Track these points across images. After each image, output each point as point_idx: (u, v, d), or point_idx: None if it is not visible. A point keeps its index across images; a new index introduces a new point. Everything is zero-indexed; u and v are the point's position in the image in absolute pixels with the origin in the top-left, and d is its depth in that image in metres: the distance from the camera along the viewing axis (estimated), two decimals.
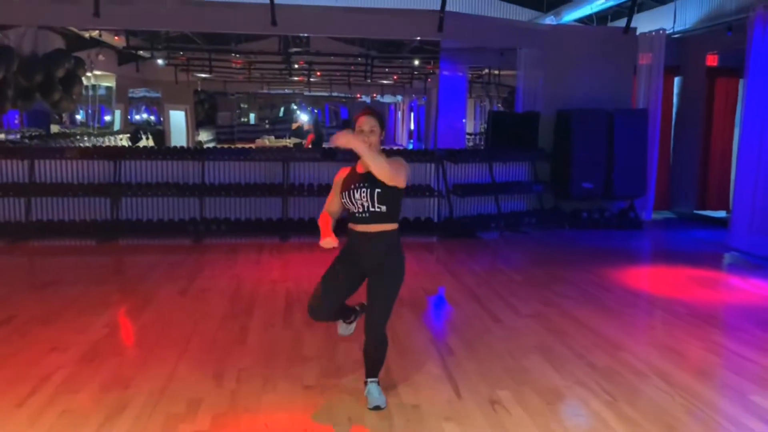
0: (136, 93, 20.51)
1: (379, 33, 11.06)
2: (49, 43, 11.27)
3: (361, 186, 3.41)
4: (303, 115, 29.12)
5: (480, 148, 15.88)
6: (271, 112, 29.60)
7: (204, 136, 22.73)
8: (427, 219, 9.27)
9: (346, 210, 3.55)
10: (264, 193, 9.01)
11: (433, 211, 9.39)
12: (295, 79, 21.58)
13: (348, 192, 3.45)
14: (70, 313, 5.29)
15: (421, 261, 7.79)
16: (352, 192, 3.43)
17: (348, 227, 3.54)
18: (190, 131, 21.21)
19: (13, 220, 8.61)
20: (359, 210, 3.44)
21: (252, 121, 29.47)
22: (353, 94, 26.46)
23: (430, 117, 19.53)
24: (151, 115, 23.04)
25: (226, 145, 18.91)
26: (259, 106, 29.89)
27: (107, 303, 5.62)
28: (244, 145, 15.46)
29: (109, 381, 3.91)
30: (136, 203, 8.86)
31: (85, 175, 8.87)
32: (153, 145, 16.68)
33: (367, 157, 3.27)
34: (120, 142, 14.91)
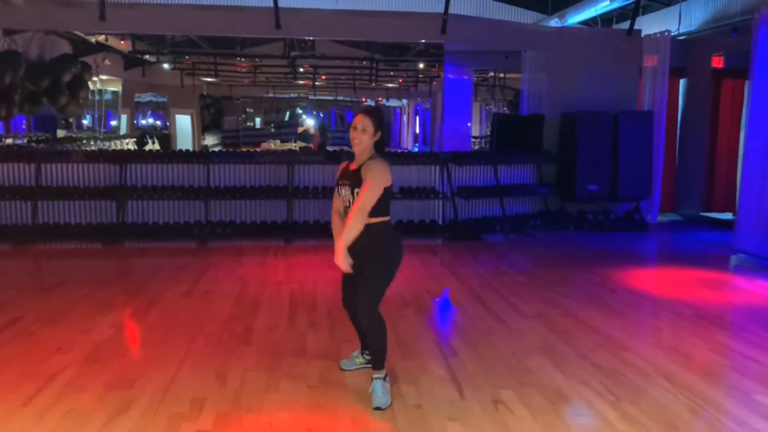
0: (143, 97, 20.60)
1: (383, 36, 11.08)
2: (55, 48, 11.35)
3: (346, 183, 3.64)
4: (308, 120, 29.18)
5: (485, 151, 15.86)
6: (276, 116, 29.60)
7: (210, 140, 22.80)
8: (432, 221, 9.26)
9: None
10: (269, 195, 9.04)
11: (438, 213, 9.39)
12: (301, 82, 21.65)
13: (337, 187, 3.72)
14: (75, 314, 5.32)
15: (425, 263, 7.78)
16: (339, 188, 3.69)
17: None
18: (196, 135, 21.29)
19: (19, 223, 8.65)
20: (346, 205, 3.66)
21: (258, 125, 29.51)
22: (358, 98, 26.48)
23: (435, 120, 19.55)
24: (157, 119, 23.13)
25: (231, 149, 18.97)
26: (265, 111, 29.90)
27: (112, 305, 5.65)
28: (249, 149, 15.51)
29: (114, 381, 3.93)
30: (141, 206, 8.90)
31: (92, 178, 8.92)
32: (159, 149, 16.73)
33: (349, 240, 3.48)
34: (126, 147, 14.98)
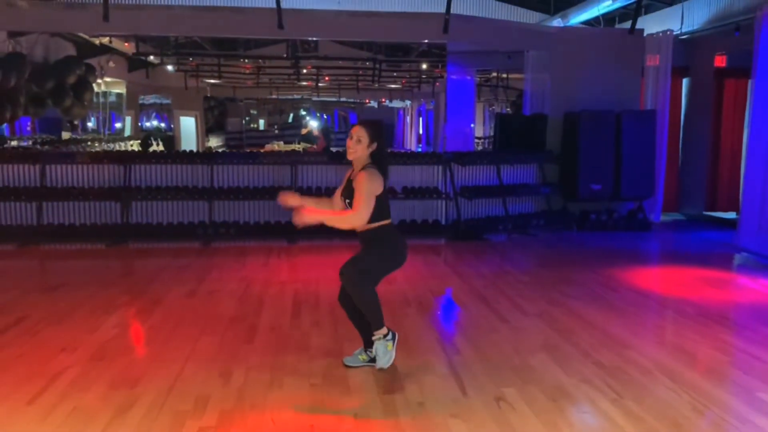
0: (147, 99, 20.66)
1: (385, 36, 11.09)
2: (60, 50, 11.42)
3: (343, 195, 3.96)
4: (312, 121, 29.22)
5: (488, 151, 15.87)
6: (280, 117, 29.67)
7: (214, 142, 22.87)
8: (435, 221, 9.28)
9: None
10: (272, 196, 8.98)
11: (441, 213, 9.41)
12: (304, 84, 21.67)
13: (340, 197, 4.02)
14: (79, 314, 5.34)
15: (428, 263, 7.81)
16: (341, 199, 4.00)
17: None
18: (200, 137, 21.35)
19: (24, 223, 8.71)
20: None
21: (261, 126, 29.58)
22: (362, 99, 26.50)
23: (438, 121, 19.56)
24: (161, 121, 23.19)
25: (235, 150, 18.99)
26: (268, 112, 29.96)
27: (116, 304, 5.67)
28: (253, 150, 15.53)
29: (118, 379, 3.95)
30: (146, 207, 8.94)
31: (96, 179, 8.96)
32: (163, 150, 16.77)
33: (326, 221, 3.83)
34: (131, 149, 15.03)
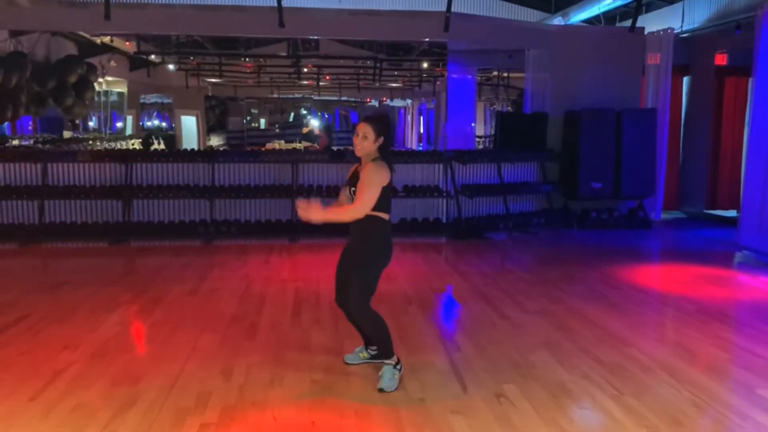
0: (148, 99, 20.69)
1: (386, 35, 11.09)
2: (61, 50, 11.44)
3: (349, 185, 3.94)
4: (313, 120, 29.25)
5: (488, 149, 15.88)
6: (281, 117, 29.70)
7: (215, 141, 22.90)
8: (436, 219, 9.29)
9: None
10: (273, 194, 9.07)
11: (442, 211, 9.42)
12: (305, 83, 21.68)
13: (345, 189, 3.99)
14: (81, 312, 5.36)
15: (429, 261, 7.82)
16: (346, 190, 3.97)
17: None
18: (202, 136, 21.37)
19: (26, 222, 8.72)
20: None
21: (262, 125, 29.61)
22: (363, 98, 26.51)
23: (439, 120, 19.56)
24: (162, 121, 23.21)
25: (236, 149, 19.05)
26: (270, 111, 29.99)
27: (118, 303, 5.69)
28: (254, 149, 15.56)
29: (120, 377, 3.97)
30: (147, 205, 8.95)
31: (97, 177, 8.98)
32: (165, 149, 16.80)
33: (332, 219, 3.92)
34: (132, 148, 15.04)
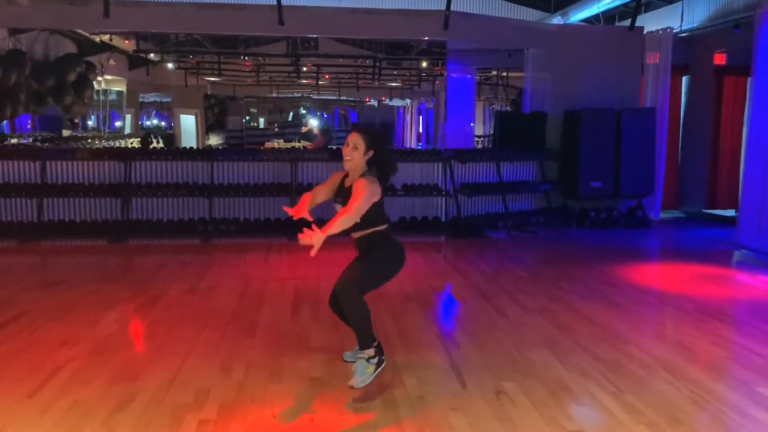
0: (147, 98, 20.68)
1: (386, 33, 11.07)
2: (60, 48, 11.42)
3: (339, 201, 3.79)
4: (312, 120, 29.28)
5: (488, 148, 15.88)
6: (280, 116, 29.74)
7: (214, 140, 22.88)
8: (435, 218, 9.28)
9: None
10: (273, 193, 9.06)
11: (441, 210, 9.41)
12: (304, 82, 21.67)
13: (334, 202, 3.86)
14: (80, 309, 5.35)
15: (428, 260, 7.81)
16: (336, 204, 3.83)
17: None
18: (200, 135, 21.36)
19: (25, 220, 8.71)
20: None
21: (261, 125, 29.63)
22: (362, 98, 26.52)
23: (438, 120, 19.58)
24: (161, 120, 23.20)
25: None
26: (269, 111, 30.03)
27: (117, 300, 5.68)
28: (253, 147, 15.56)
29: (119, 373, 3.96)
30: (146, 203, 8.94)
31: (96, 175, 8.96)
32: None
33: (333, 230, 3.51)
34: (131, 147, 15.04)
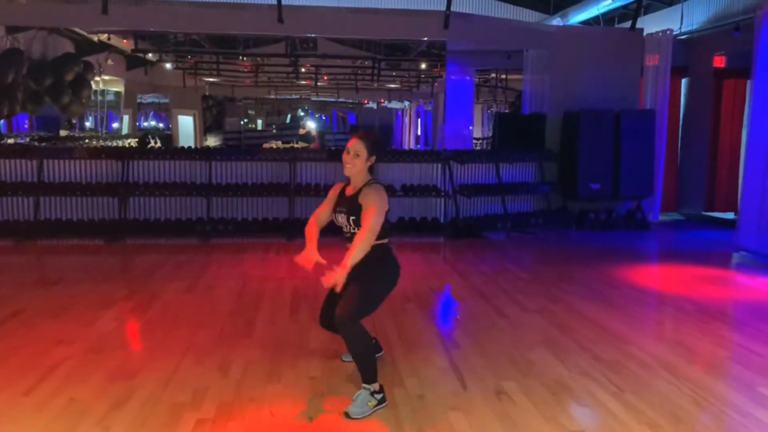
0: (145, 98, 20.63)
1: (386, 33, 11.05)
2: (58, 47, 11.39)
3: (342, 211, 3.67)
4: (310, 122, 29.28)
5: (487, 149, 15.88)
6: (278, 118, 29.74)
7: (212, 141, 22.83)
8: (434, 219, 9.26)
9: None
10: (271, 193, 9.04)
11: (440, 211, 9.38)
12: (303, 83, 21.65)
13: (334, 213, 3.76)
14: (77, 308, 5.31)
15: (427, 261, 7.79)
16: (336, 215, 3.73)
17: None
18: (198, 136, 21.31)
19: (22, 219, 8.67)
20: (344, 230, 3.71)
21: (259, 126, 29.62)
22: (360, 100, 26.50)
23: (437, 122, 19.55)
24: (159, 121, 23.14)
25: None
26: (267, 113, 30.04)
27: (114, 299, 5.64)
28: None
29: (116, 372, 3.93)
30: (143, 203, 8.91)
31: (94, 175, 8.93)
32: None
33: (354, 261, 3.37)
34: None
